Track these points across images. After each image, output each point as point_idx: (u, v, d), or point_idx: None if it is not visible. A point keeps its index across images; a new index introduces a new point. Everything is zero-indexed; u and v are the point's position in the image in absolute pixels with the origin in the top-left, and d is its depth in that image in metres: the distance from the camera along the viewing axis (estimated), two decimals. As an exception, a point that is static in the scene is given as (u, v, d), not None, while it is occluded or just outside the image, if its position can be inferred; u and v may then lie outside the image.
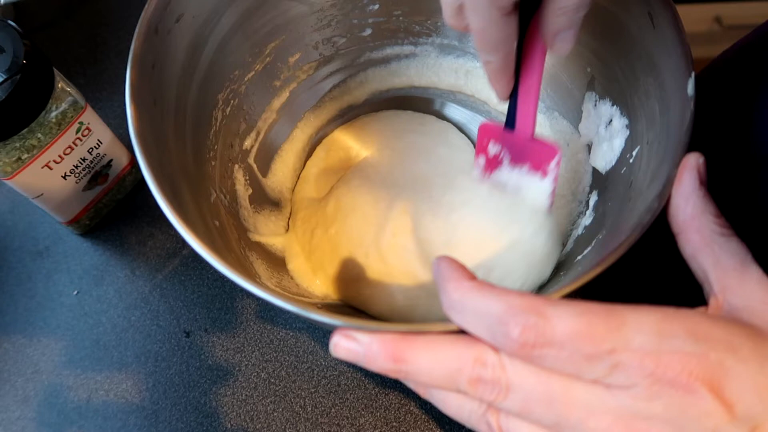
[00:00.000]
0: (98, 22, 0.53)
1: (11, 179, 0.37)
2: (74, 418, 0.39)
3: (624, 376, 0.21)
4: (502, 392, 0.22)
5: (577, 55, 0.39)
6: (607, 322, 0.21)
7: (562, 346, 0.21)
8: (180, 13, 0.33)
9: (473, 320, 0.23)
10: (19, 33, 0.34)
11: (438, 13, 0.43)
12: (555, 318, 0.21)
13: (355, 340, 0.24)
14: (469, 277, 0.24)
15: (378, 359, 0.24)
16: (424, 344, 0.23)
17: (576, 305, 0.21)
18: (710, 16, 1.09)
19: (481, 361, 0.22)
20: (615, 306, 0.22)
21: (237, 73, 0.40)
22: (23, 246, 0.44)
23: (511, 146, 0.36)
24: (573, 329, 0.21)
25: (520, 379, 0.22)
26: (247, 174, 0.42)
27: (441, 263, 0.25)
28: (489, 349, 0.23)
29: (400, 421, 0.39)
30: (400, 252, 0.40)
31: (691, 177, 0.26)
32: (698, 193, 0.26)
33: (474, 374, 0.22)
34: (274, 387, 0.40)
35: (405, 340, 0.23)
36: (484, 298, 0.22)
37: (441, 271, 0.24)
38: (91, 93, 0.49)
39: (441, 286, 0.24)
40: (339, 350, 0.24)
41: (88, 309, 0.42)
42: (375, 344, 0.24)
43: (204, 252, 0.26)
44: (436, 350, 0.23)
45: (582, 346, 0.21)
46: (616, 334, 0.21)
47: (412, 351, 0.23)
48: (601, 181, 0.38)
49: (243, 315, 0.42)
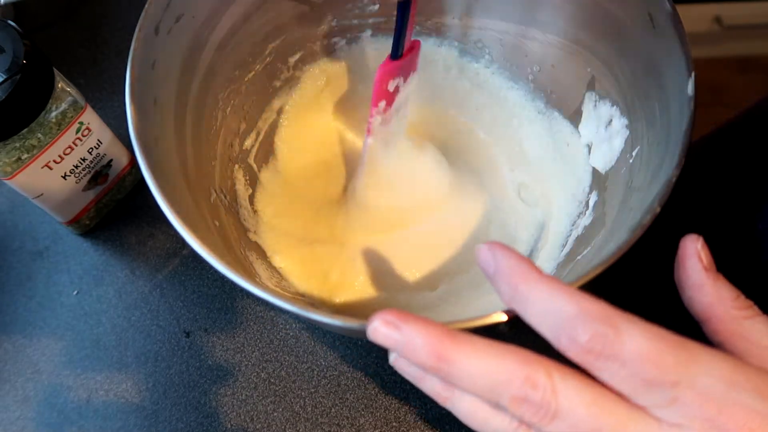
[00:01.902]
0: (98, 22, 0.52)
1: (11, 179, 0.37)
2: (74, 418, 0.39)
3: (679, 414, 0.20)
4: (547, 417, 0.21)
5: (577, 55, 0.39)
6: (677, 354, 0.20)
7: (625, 364, 0.20)
8: (180, 13, 0.33)
9: (538, 316, 0.22)
10: (19, 33, 0.34)
11: (438, 13, 0.44)
12: (626, 334, 0.20)
13: (397, 329, 0.22)
14: (535, 269, 0.22)
15: (419, 353, 0.22)
16: (472, 348, 0.22)
17: (650, 328, 0.21)
18: (710, 16, 1.10)
19: (531, 382, 0.21)
20: (689, 340, 0.21)
21: (237, 73, 0.40)
22: (23, 246, 0.44)
23: (403, 69, 0.39)
24: (642, 351, 0.20)
25: (570, 407, 0.21)
26: (247, 174, 0.42)
27: (498, 251, 0.23)
28: (542, 370, 0.21)
29: (400, 421, 0.39)
30: None
31: (695, 266, 0.25)
32: (708, 281, 0.24)
33: (521, 393, 0.21)
34: (274, 387, 0.40)
35: (452, 339, 0.22)
36: (556, 296, 0.21)
37: (501, 260, 0.23)
38: (91, 93, 0.49)
39: (502, 275, 0.23)
40: (377, 336, 0.23)
41: (88, 309, 0.42)
42: (419, 338, 0.22)
43: (204, 252, 0.26)
44: (486, 358, 0.22)
45: (646, 370, 0.20)
46: (684, 369, 0.20)
47: (459, 352, 0.22)
48: (601, 181, 0.38)
49: (243, 315, 0.42)
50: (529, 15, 0.40)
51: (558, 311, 0.21)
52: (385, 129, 0.41)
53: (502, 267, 0.23)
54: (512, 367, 0.22)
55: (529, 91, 0.44)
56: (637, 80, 0.34)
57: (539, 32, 0.40)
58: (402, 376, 0.25)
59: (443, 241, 0.42)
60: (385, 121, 0.40)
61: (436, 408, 0.39)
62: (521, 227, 0.42)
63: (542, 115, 0.43)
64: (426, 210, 0.43)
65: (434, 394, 0.23)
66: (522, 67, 0.43)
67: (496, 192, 0.44)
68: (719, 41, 1.13)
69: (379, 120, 0.40)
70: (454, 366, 0.22)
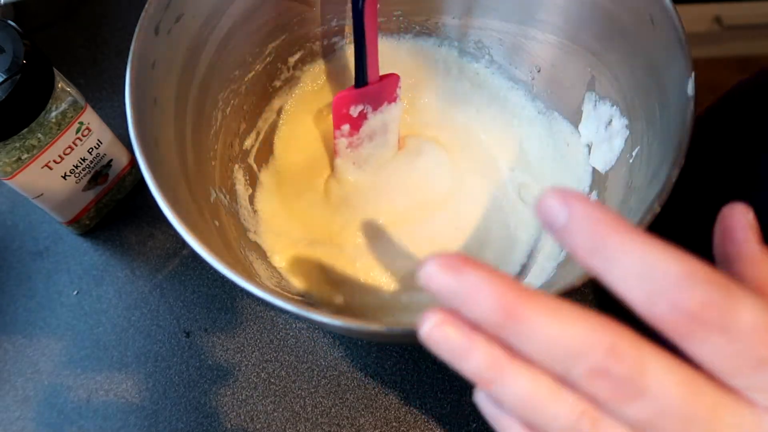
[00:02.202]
0: (98, 22, 0.52)
1: (11, 179, 0.37)
2: (74, 418, 0.39)
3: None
4: (629, 396, 0.18)
5: (577, 55, 0.39)
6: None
7: (737, 338, 0.17)
8: (180, 13, 0.33)
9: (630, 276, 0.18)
10: (19, 33, 0.34)
11: (438, 13, 0.44)
12: (742, 304, 0.17)
13: (459, 273, 0.18)
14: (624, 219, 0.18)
15: (484, 304, 0.18)
16: (547, 306, 0.18)
17: None
18: (710, 16, 1.09)
19: (616, 352, 0.18)
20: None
21: (237, 73, 0.40)
22: (23, 246, 0.44)
23: (368, 98, 0.41)
24: (758, 325, 0.17)
25: (659, 386, 0.18)
26: (247, 174, 0.42)
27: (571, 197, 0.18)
28: (628, 339, 0.18)
29: (400, 421, 0.39)
30: None
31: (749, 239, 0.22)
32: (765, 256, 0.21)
33: (601, 364, 0.18)
34: (274, 387, 0.40)
35: (524, 292, 0.18)
36: (656, 252, 0.17)
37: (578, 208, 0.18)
38: (91, 93, 0.49)
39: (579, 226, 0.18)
40: (433, 282, 0.19)
41: (88, 309, 0.42)
42: (486, 285, 0.18)
43: (204, 252, 0.26)
44: (562, 319, 0.18)
45: (760, 346, 0.17)
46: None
47: (532, 309, 0.18)
48: (601, 181, 0.38)
49: (243, 315, 0.42)
50: (529, 15, 0.40)
51: (659, 271, 0.17)
52: (355, 152, 0.42)
53: (579, 216, 0.18)
54: (595, 332, 0.18)
55: (529, 91, 0.44)
56: (637, 80, 0.34)
57: (539, 32, 0.40)
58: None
59: (444, 241, 0.42)
60: (352, 144, 0.41)
61: (436, 408, 0.39)
62: (521, 227, 0.42)
63: (542, 115, 0.43)
64: (426, 210, 0.43)
65: (477, 375, 0.19)
66: (522, 67, 0.43)
67: (496, 192, 0.44)
68: (719, 41, 1.13)
69: (344, 142, 0.41)
70: (524, 324, 0.18)
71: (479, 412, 0.22)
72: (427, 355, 0.40)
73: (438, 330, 0.19)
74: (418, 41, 0.45)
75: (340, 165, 0.43)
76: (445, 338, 0.19)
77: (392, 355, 0.40)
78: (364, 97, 0.41)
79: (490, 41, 0.43)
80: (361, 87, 0.40)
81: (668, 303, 0.17)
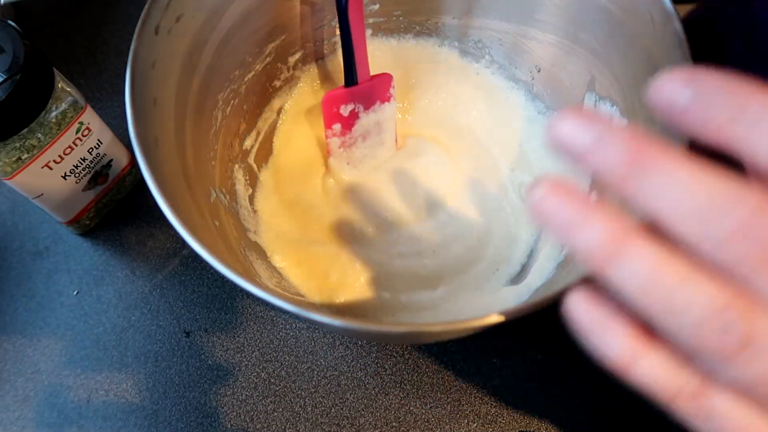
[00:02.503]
0: (98, 22, 0.53)
1: (11, 179, 0.37)
2: (74, 418, 0.39)
3: None
4: None
5: (577, 55, 0.39)
6: None
7: None
8: (180, 12, 0.33)
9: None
10: (19, 33, 0.34)
11: (438, 13, 0.44)
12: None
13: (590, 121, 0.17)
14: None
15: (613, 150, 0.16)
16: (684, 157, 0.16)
17: None
18: (710, 16, 1.09)
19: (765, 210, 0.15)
20: None
21: (237, 73, 0.40)
22: (23, 246, 0.44)
23: (359, 97, 0.41)
24: None
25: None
26: (247, 174, 0.42)
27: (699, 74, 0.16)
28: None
29: (400, 421, 0.39)
30: None
31: None
32: None
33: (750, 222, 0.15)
34: (274, 387, 0.40)
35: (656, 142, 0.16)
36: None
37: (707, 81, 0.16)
38: (91, 93, 0.49)
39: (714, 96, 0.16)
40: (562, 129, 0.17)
41: (88, 309, 0.42)
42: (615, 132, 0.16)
43: (204, 252, 0.26)
44: (704, 170, 0.15)
45: None
46: None
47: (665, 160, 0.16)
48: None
49: (243, 315, 0.42)
50: (529, 15, 0.40)
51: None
52: (349, 152, 0.42)
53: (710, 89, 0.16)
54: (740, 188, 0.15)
55: (529, 91, 0.44)
56: (637, 80, 0.34)
57: (539, 32, 0.40)
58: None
59: (444, 241, 0.42)
60: (345, 144, 0.42)
61: (436, 408, 0.39)
62: (521, 227, 0.42)
63: (542, 115, 0.43)
64: (427, 210, 0.43)
65: (594, 249, 0.16)
66: (522, 67, 0.43)
67: (497, 192, 0.44)
68: (719, 41, 1.13)
69: (337, 142, 0.41)
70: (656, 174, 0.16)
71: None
72: (427, 355, 0.40)
73: (551, 198, 0.17)
74: (418, 41, 0.45)
75: (334, 164, 0.43)
76: (559, 206, 0.17)
77: (392, 355, 0.40)
78: (354, 96, 0.41)
79: (490, 41, 0.43)
80: (351, 86, 0.40)
81: None
